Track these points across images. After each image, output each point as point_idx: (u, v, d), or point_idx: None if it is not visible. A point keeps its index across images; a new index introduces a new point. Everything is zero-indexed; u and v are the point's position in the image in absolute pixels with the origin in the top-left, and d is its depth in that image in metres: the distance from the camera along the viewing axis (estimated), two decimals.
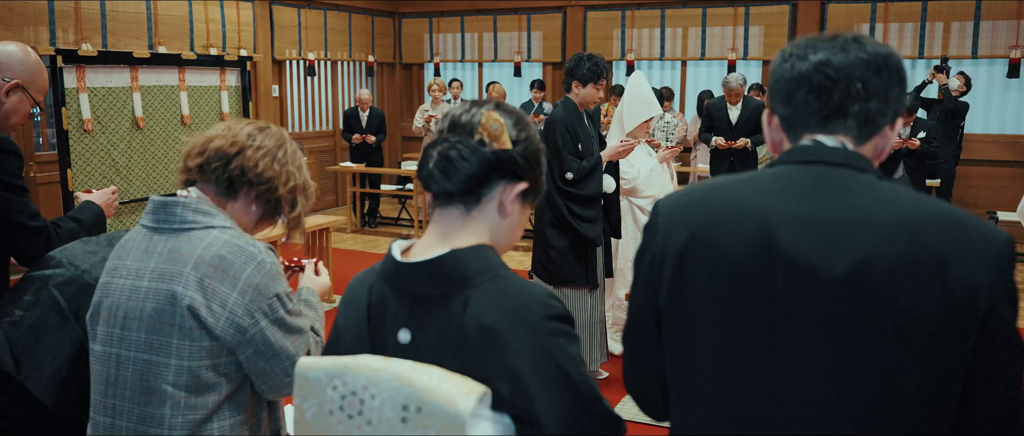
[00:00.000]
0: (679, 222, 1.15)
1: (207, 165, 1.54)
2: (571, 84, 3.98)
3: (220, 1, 8.03)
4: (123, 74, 5.49)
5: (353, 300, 1.25)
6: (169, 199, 1.54)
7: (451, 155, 1.17)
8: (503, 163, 1.18)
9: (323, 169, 9.65)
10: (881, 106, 1.09)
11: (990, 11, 7.85)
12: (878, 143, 1.12)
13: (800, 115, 1.12)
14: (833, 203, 1.05)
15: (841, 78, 1.07)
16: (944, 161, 7.36)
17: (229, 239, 1.50)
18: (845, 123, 1.10)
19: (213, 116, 6.16)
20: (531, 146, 1.22)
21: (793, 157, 1.12)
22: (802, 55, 1.10)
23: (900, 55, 1.13)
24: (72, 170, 5.17)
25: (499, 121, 1.18)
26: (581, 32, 9.68)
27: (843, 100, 1.08)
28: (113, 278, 1.55)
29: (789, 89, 1.12)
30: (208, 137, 1.57)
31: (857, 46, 1.09)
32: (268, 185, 1.57)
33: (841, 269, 1.01)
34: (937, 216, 1.02)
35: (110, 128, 5.42)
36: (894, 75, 1.09)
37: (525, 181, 1.22)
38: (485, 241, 1.21)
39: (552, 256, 4.01)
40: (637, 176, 4.56)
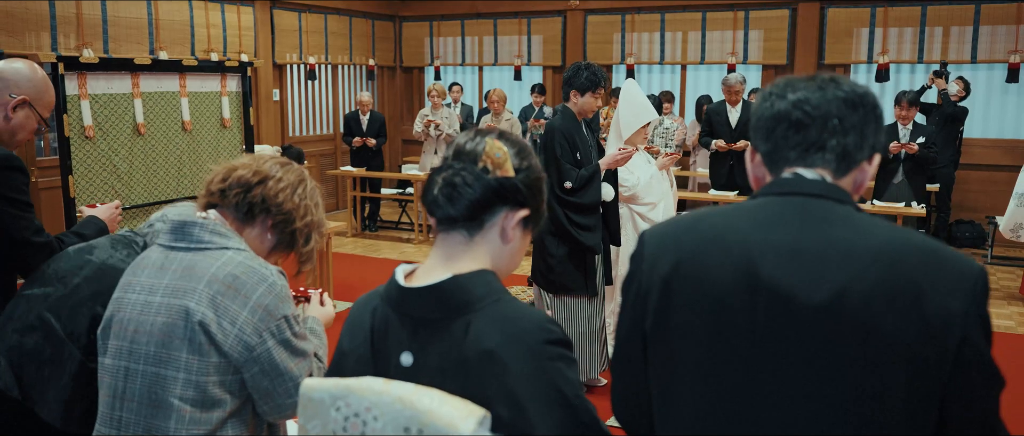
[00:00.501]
0: (664, 251, 1.18)
1: (229, 190, 1.60)
2: (569, 93, 4.00)
3: (221, 5, 8.05)
4: (124, 80, 5.51)
5: (357, 322, 1.29)
6: (188, 219, 1.58)
7: (455, 181, 1.21)
8: (506, 190, 1.21)
9: (324, 173, 9.67)
10: (858, 141, 1.13)
11: (989, 16, 7.87)
12: (856, 177, 1.16)
13: (780, 150, 1.16)
14: (813, 234, 1.08)
15: (818, 114, 1.12)
16: (943, 166, 7.39)
17: (243, 260, 1.55)
18: (823, 157, 1.14)
19: (214, 122, 6.18)
20: (533, 174, 1.26)
21: (774, 189, 1.16)
22: (781, 94, 1.15)
23: (875, 94, 1.17)
24: (74, 177, 5.18)
25: (502, 150, 1.22)
26: (581, 36, 9.70)
27: (821, 135, 1.12)
28: (126, 293, 1.59)
29: (769, 126, 1.16)
30: (232, 166, 1.63)
31: (834, 85, 1.14)
32: (286, 216, 1.63)
33: (821, 298, 1.04)
34: (914, 247, 1.06)
35: (111, 134, 5.43)
36: (870, 112, 1.14)
37: (527, 208, 1.25)
38: (487, 266, 1.23)
39: (551, 264, 4.02)
40: (636, 183, 4.57)
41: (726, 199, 6.69)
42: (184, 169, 5.96)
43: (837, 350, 1.04)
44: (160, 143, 5.77)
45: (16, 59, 2.30)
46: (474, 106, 10.04)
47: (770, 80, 8.73)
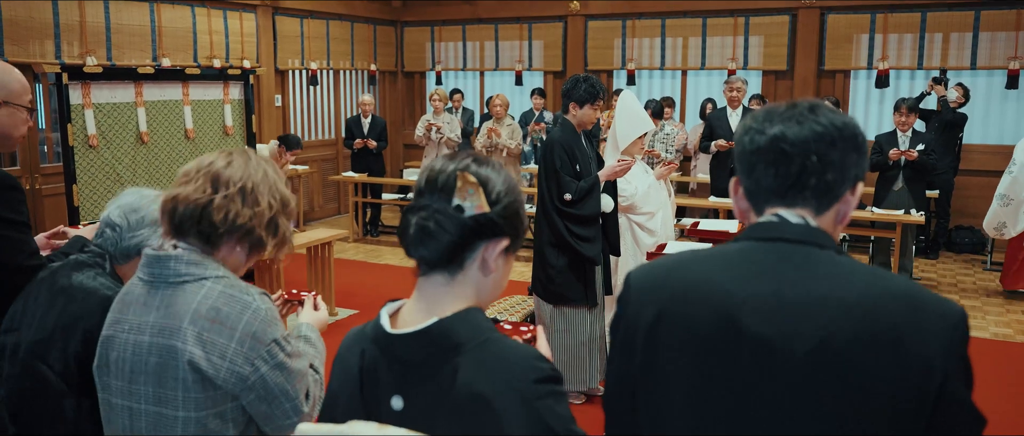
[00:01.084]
0: (648, 298, 1.19)
1: (181, 226, 1.55)
2: (569, 105, 4.03)
3: (223, 12, 8.09)
4: (128, 90, 5.55)
5: (346, 363, 1.28)
6: (161, 253, 1.55)
7: (429, 227, 1.19)
8: (482, 227, 1.19)
9: (325, 178, 9.71)
10: (838, 176, 1.14)
11: (989, 22, 7.89)
12: (840, 209, 1.17)
13: (761, 187, 1.17)
14: (794, 285, 1.10)
15: (796, 152, 1.12)
16: (943, 172, 7.41)
17: (223, 290, 1.53)
18: (804, 196, 1.14)
19: (216, 129, 6.22)
20: (510, 203, 1.23)
21: (756, 233, 1.17)
22: (760, 129, 1.16)
23: (857, 123, 1.17)
24: (77, 185, 5.23)
25: (475, 185, 1.19)
26: (582, 41, 9.73)
27: (800, 172, 1.13)
28: (116, 331, 1.59)
29: (750, 162, 1.17)
30: (172, 195, 1.56)
31: (812, 117, 1.13)
32: (244, 228, 1.56)
33: (802, 350, 1.06)
34: (893, 294, 1.07)
35: (115, 143, 5.48)
36: (849, 144, 1.13)
37: (507, 237, 1.23)
38: (471, 302, 1.23)
39: (551, 275, 4.05)
40: (635, 193, 4.60)
41: (726, 206, 6.71)
42: None
43: (820, 400, 1.06)
44: (163, 151, 5.81)
45: None
46: (475, 111, 10.08)
47: (771, 86, 8.81)
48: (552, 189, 3.99)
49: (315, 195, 9.76)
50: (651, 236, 4.70)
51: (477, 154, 1.26)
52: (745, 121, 1.20)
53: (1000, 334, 5.49)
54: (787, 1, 8.65)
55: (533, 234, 4.29)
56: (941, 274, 7.17)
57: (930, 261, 7.62)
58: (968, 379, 1.08)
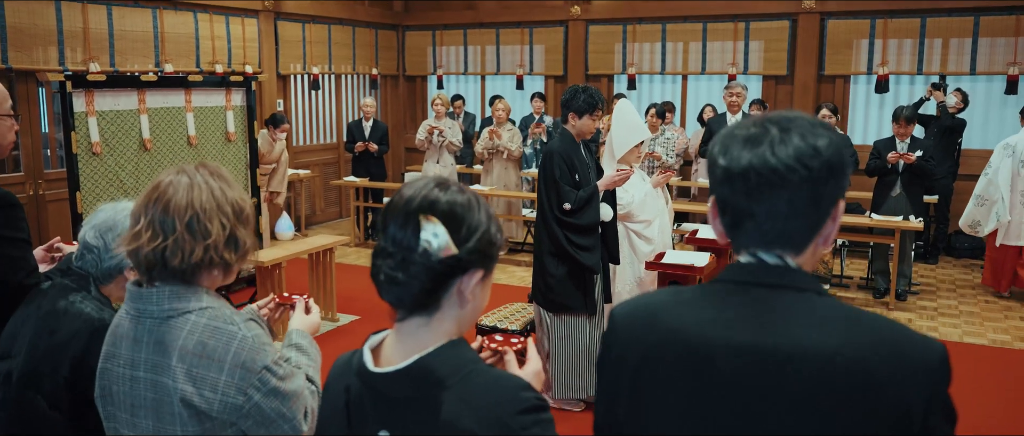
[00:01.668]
0: (632, 342, 1.20)
1: (151, 272, 1.54)
2: (568, 115, 4.07)
3: (226, 17, 8.13)
4: (131, 97, 5.58)
5: (334, 395, 1.29)
6: (144, 290, 1.56)
7: (398, 277, 1.17)
8: (453, 268, 1.18)
9: (327, 183, 9.75)
10: (814, 209, 1.11)
11: (988, 28, 7.92)
12: (823, 234, 1.14)
13: (739, 220, 1.14)
14: (773, 333, 1.09)
15: (768, 186, 1.09)
16: (941, 177, 7.44)
17: (207, 323, 1.53)
18: (779, 233, 1.12)
19: (219, 136, 6.25)
20: (480, 236, 1.20)
21: (736, 276, 1.16)
22: (735, 158, 1.11)
23: (835, 138, 1.12)
24: (81, 193, 5.26)
25: (440, 231, 1.16)
26: (582, 46, 9.77)
27: (773, 208, 1.10)
28: (112, 365, 1.60)
29: (724, 198, 1.15)
30: (131, 249, 1.54)
31: (784, 145, 1.09)
32: (205, 259, 1.55)
33: (782, 399, 1.07)
34: (873, 341, 1.07)
35: (118, 150, 5.51)
36: (819, 177, 1.09)
37: (481, 269, 1.22)
38: (452, 334, 1.23)
39: (551, 284, 4.09)
40: (632, 201, 4.64)
41: None
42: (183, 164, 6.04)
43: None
44: (166, 158, 5.84)
45: None
46: (476, 115, 10.12)
47: (771, 90, 8.84)
48: (551, 198, 4.03)
49: (317, 199, 9.81)
50: (648, 244, 4.73)
51: (441, 181, 1.23)
52: (714, 148, 1.16)
53: (998, 340, 5.52)
54: (787, 6, 8.68)
55: (533, 242, 4.33)
56: (940, 279, 7.19)
57: (929, 266, 7.64)
58: (950, 417, 1.09)
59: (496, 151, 8.01)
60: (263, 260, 5.17)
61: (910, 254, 6.54)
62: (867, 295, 6.65)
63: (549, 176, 4.03)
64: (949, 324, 5.87)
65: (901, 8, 8.22)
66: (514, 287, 6.71)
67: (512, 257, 8.01)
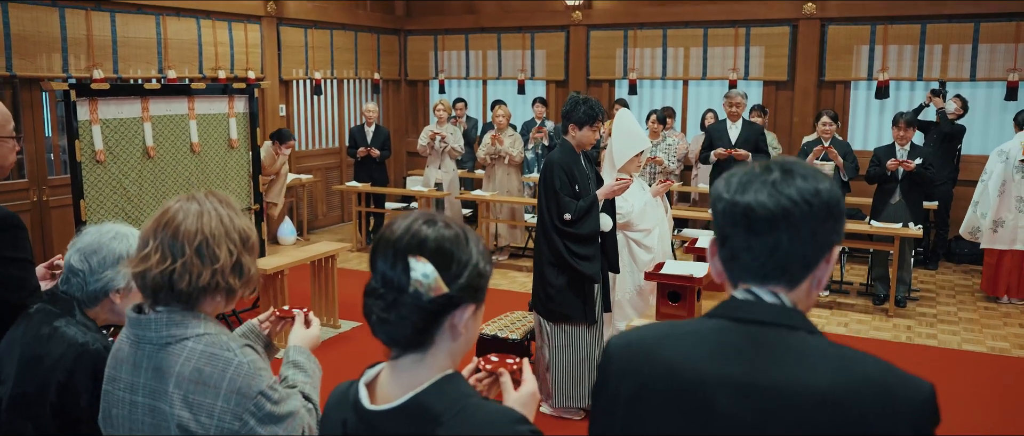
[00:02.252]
0: (628, 374, 1.23)
1: (156, 295, 1.58)
2: (568, 126, 4.10)
3: (228, 24, 8.17)
4: (134, 105, 5.62)
5: (331, 427, 1.31)
6: (143, 317, 1.59)
7: (390, 318, 1.20)
8: (444, 306, 1.20)
9: (329, 187, 9.79)
10: (810, 250, 1.15)
11: (988, 34, 7.94)
12: (815, 276, 1.19)
13: (735, 261, 1.19)
14: (765, 370, 1.13)
15: (766, 229, 1.14)
16: (941, 183, 7.46)
17: (204, 349, 1.56)
18: (775, 273, 1.17)
19: (221, 142, 6.29)
20: (470, 271, 1.22)
21: (730, 312, 1.20)
22: (732, 199, 1.17)
23: (834, 186, 1.17)
24: (85, 201, 5.30)
25: (429, 271, 1.17)
26: (584, 51, 9.80)
27: (772, 252, 1.15)
28: (113, 388, 1.63)
29: (723, 232, 1.20)
30: (138, 271, 1.57)
31: (784, 188, 1.14)
32: (211, 284, 1.58)
33: (773, 434, 1.11)
34: (862, 380, 1.10)
35: (122, 158, 5.55)
36: (821, 214, 1.14)
37: (472, 304, 1.24)
38: (446, 367, 1.25)
39: (551, 294, 4.12)
40: (631, 210, 4.67)
41: None
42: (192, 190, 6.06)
43: None
44: (169, 165, 5.88)
45: None
46: (478, 119, 10.15)
47: (771, 96, 8.87)
48: (552, 209, 4.06)
49: (319, 203, 9.84)
50: (648, 253, 4.76)
51: (430, 216, 1.24)
52: (718, 185, 1.21)
53: (997, 348, 5.54)
54: (788, 12, 8.71)
55: (533, 252, 4.36)
56: (940, 284, 7.22)
57: (929, 272, 7.66)
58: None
59: (498, 156, 8.05)
60: (265, 268, 5.20)
61: (909, 261, 6.56)
62: (867, 301, 6.67)
63: (549, 187, 4.06)
64: (948, 331, 5.90)
65: (901, 14, 8.24)
66: (515, 293, 6.74)
67: (513, 263, 8.04)
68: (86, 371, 1.84)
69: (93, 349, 1.86)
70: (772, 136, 8.18)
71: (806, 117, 8.70)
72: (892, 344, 5.59)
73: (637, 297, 4.79)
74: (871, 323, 6.08)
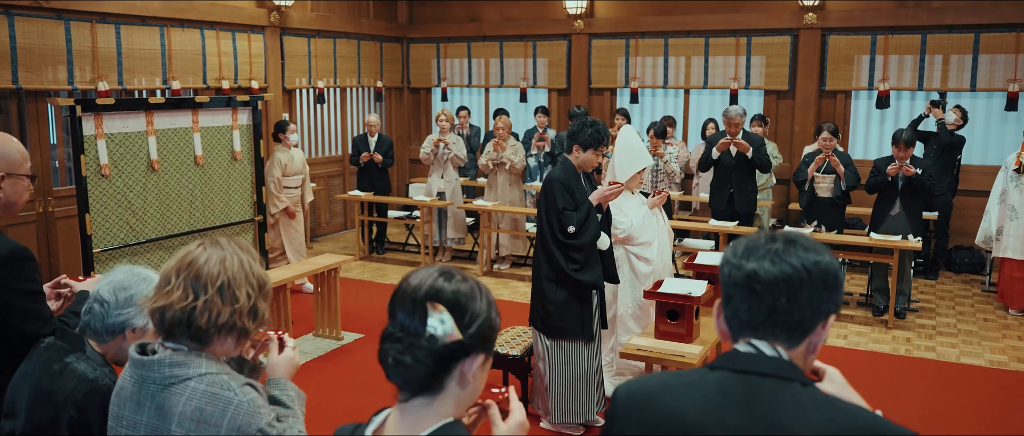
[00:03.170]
0: (633, 420, 1.32)
1: (172, 330, 1.63)
2: (573, 147, 4.14)
3: (232, 34, 8.22)
4: (139, 119, 5.67)
5: None
6: (147, 358, 1.65)
7: (405, 360, 1.27)
8: (456, 352, 1.28)
9: (332, 196, 9.84)
10: (808, 315, 1.25)
11: (989, 45, 7.97)
12: (811, 340, 1.28)
13: (738, 320, 1.29)
14: (761, 419, 1.22)
15: (767, 292, 1.24)
16: (941, 194, 7.49)
17: (206, 389, 1.61)
18: (775, 331, 1.26)
19: (225, 155, 6.34)
20: (482, 323, 1.30)
21: (731, 364, 1.29)
22: (737, 264, 1.27)
23: (834, 260, 1.27)
24: (90, 214, 5.35)
25: (446, 317, 1.26)
26: (586, 59, 9.84)
27: (771, 313, 1.25)
28: (117, 425, 1.69)
29: (728, 293, 1.29)
30: (159, 305, 1.63)
31: (786, 257, 1.24)
32: (229, 324, 1.65)
33: None
34: (850, 428, 1.19)
35: (126, 172, 5.60)
36: (818, 284, 1.24)
37: (482, 354, 1.32)
38: (450, 414, 1.32)
39: (549, 310, 4.16)
40: (631, 225, 4.71)
41: (725, 230, 6.80)
42: (196, 203, 6.12)
43: None
44: (173, 178, 5.93)
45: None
46: (481, 127, 10.19)
47: (772, 105, 8.90)
48: (553, 224, 4.10)
49: (322, 211, 9.89)
50: (648, 265, 4.81)
51: (447, 269, 1.33)
52: (726, 251, 1.31)
53: (996, 361, 5.57)
54: (789, 22, 8.75)
55: (532, 268, 4.40)
56: (940, 295, 7.24)
57: (929, 282, 7.69)
58: None
59: (500, 163, 8.08)
60: None
61: (909, 272, 6.59)
62: (867, 312, 6.70)
63: (551, 204, 4.11)
64: (946, 343, 5.92)
65: (902, 24, 8.28)
66: (516, 303, 6.78)
67: (515, 272, 8.08)
68: (97, 406, 1.89)
69: (103, 384, 1.92)
70: (773, 146, 8.21)
71: (807, 126, 8.73)
72: (891, 357, 5.62)
73: (639, 311, 4.83)
74: (870, 335, 6.12)
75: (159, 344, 1.67)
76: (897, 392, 4.98)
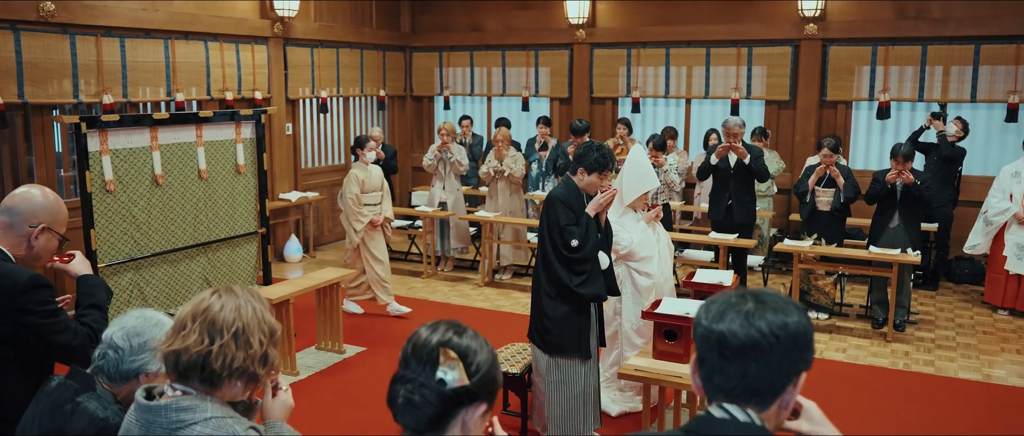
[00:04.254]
0: None
1: (185, 373, 1.69)
2: (577, 169, 4.19)
3: (235, 45, 8.28)
4: (143, 134, 5.72)
5: None
6: (153, 404, 1.69)
7: (415, 400, 1.39)
8: (462, 397, 1.40)
9: (335, 204, 9.88)
10: (777, 377, 1.28)
11: (989, 56, 7.99)
12: (784, 399, 1.32)
13: (712, 382, 1.33)
14: None
15: (736, 358, 1.28)
16: (941, 205, 7.52)
17: (210, 434, 1.65)
18: (746, 396, 1.30)
19: (229, 168, 6.39)
20: (486, 373, 1.44)
21: (705, 429, 1.33)
22: (709, 327, 1.30)
23: (804, 319, 1.30)
24: (95, 230, 5.40)
25: (456, 361, 1.39)
26: (587, 69, 9.88)
27: (742, 377, 1.28)
28: None
29: (702, 355, 1.33)
30: (174, 349, 1.68)
31: (757, 319, 1.27)
32: (240, 369, 1.71)
33: None
34: None
35: (131, 187, 5.66)
36: (788, 347, 1.27)
37: (484, 403, 1.44)
38: None
39: (548, 326, 4.21)
40: (631, 241, 4.77)
41: (725, 243, 6.84)
42: (200, 216, 6.18)
43: None
44: (177, 192, 5.98)
45: (31, 186, 2.52)
46: (483, 136, 10.23)
47: (773, 115, 8.93)
48: (556, 241, 4.14)
49: (325, 220, 9.95)
50: (648, 279, 4.86)
51: (457, 324, 1.44)
52: (699, 311, 1.34)
53: (994, 376, 5.59)
54: (789, 32, 8.78)
55: (532, 284, 4.45)
56: (940, 307, 7.26)
57: (929, 293, 7.71)
58: None
59: (500, 171, 8.13)
60: (272, 297, 5.29)
61: (908, 285, 6.62)
62: (866, 325, 6.73)
63: (553, 221, 4.15)
64: (945, 357, 5.95)
65: (902, 35, 8.30)
66: (517, 315, 6.82)
67: (516, 282, 8.13)
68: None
69: (114, 423, 1.96)
70: (775, 155, 8.25)
71: (808, 136, 8.77)
72: (889, 372, 5.66)
73: (643, 326, 4.87)
74: (869, 349, 6.15)
75: (168, 386, 1.71)
76: (894, 408, 5.01)
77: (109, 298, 2.72)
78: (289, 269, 8.54)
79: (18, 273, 2.34)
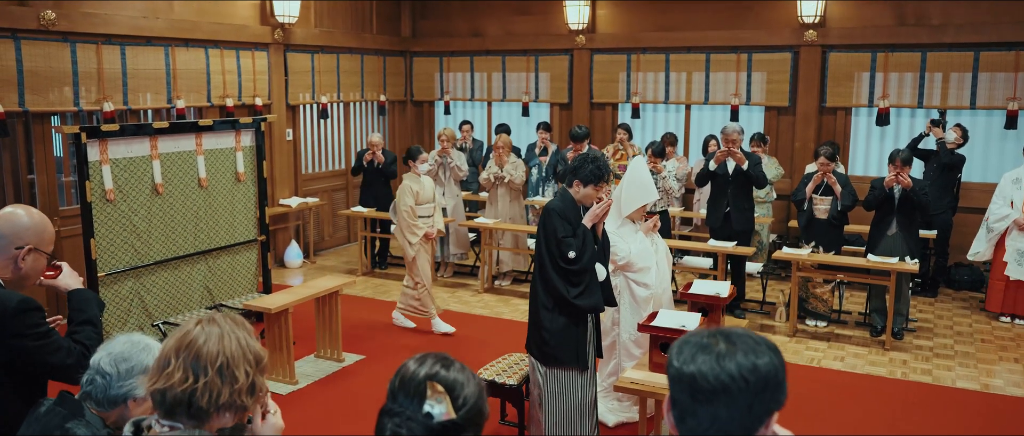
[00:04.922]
0: None
1: (172, 410, 1.69)
2: (573, 181, 4.20)
3: (236, 52, 8.30)
4: (143, 143, 5.75)
5: None
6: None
7: (402, 433, 1.42)
8: (449, 430, 1.42)
9: (335, 210, 9.91)
10: (749, 422, 1.28)
11: (988, 63, 7.99)
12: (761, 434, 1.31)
13: (686, 426, 1.32)
14: None
15: (707, 401, 1.27)
16: (940, 212, 7.53)
17: None
18: None
19: (229, 176, 6.42)
20: (473, 406, 1.47)
21: None
22: (680, 368, 1.30)
23: (775, 359, 1.29)
24: (95, 239, 5.43)
25: (443, 394, 1.42)
26: (587, 74, 9.89)
27: (713, 421, 1.28)
28: None
29: (674, 396, 1.33)
30: (160, 388, 1.67)
31: (727, 361, 1.27)
32: (228, 402, 1.70)
33: None
34: None
35: (131, 196, 5.68)
36: (758, 390, 1.26)
37: (470, 435, 1.47)
38: None
39: (545, 338, 4.22)
40: (629, 252, 4.78)
41: (724, 250, 6.85)
42: (200, 224, 6.21)
43: None
44: (177, 201, 6.01)
45: (11, 209, 2.49)
46: (483, 141, 10.25)
47: (773, 121, 8.93)
48: (553, 253, 4.15)
49: (325, 225, 9.97)
50: (646, 289, 4.88)
51: (445, 356, 1.46)
52: (672, 350, 1.34)
53: (992, 385, 5.60)
54: (789, 39, 8.79)
55: (529, 296, 4.46)
56: (938, 315, 7.27)
57: (928, 300, 7.72)
58: None
59: (500, 177, 8.15)
60: (270, 307, 5.31)
61: (907, 293, 6.63)
62: (865, 332, 6.74)
63: (550, 233, 4.16)
64: (943, 366, 5.96)
65: (902, 42, 8.31)
66: (516, 322, 6.83)
67: (516, 288, 8.14)
68: None
69: None
70: (774, 161, 8.26)
71: (807, 142, 8.77)
72: (887, 381, 5.66)
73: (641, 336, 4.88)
74: (867, 357, 6.15)
75: (156, 421, 1.72)
76: (891, 418, 5.02)
77: (101, 310, 2.73)
78: (289, 275, 8.56)
79: (7, 298, 2.34)
